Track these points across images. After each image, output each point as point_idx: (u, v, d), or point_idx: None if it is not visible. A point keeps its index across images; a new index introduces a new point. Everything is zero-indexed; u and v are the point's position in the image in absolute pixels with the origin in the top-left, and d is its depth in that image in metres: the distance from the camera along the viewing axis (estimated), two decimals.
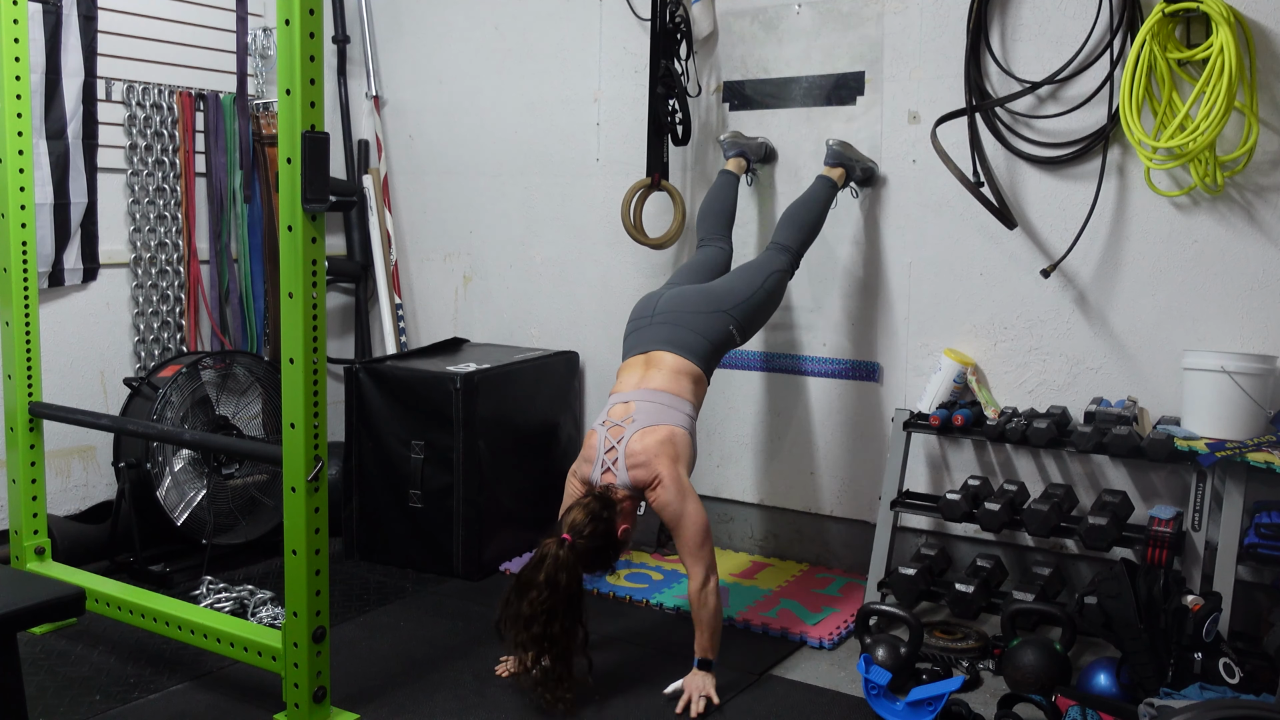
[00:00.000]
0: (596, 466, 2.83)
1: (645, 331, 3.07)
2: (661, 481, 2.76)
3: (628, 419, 2.85)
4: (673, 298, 3.15)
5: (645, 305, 3.18)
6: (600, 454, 2.83)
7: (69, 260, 3.83)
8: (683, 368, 2.97)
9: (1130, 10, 3.07)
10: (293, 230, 2.43)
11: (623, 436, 2.82)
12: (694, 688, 2.74)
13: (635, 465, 2.78)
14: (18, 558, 3.27)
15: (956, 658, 2.97)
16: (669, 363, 2.97)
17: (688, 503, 2.76)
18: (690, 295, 3.15)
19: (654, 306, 3.14)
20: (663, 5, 3.68)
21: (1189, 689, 2.52)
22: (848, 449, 3.68)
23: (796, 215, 3.41)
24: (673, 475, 2.76)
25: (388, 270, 4.57)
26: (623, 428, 2.84)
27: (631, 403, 2.89)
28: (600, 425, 2.89)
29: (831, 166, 3.47)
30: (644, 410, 2.86)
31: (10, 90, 3.08)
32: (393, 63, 4.59)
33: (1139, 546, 2.92)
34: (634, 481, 2.78)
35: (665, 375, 2.94)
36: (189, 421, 3.68)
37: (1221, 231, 3.06)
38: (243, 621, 2.92)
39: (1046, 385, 3.34)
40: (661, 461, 2.77)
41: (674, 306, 3.10)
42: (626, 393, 2.94)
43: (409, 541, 3.77)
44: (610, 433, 2.85)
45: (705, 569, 2.74)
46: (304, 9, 2.37)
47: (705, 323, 3.06)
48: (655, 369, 2.97)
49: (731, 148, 3.67)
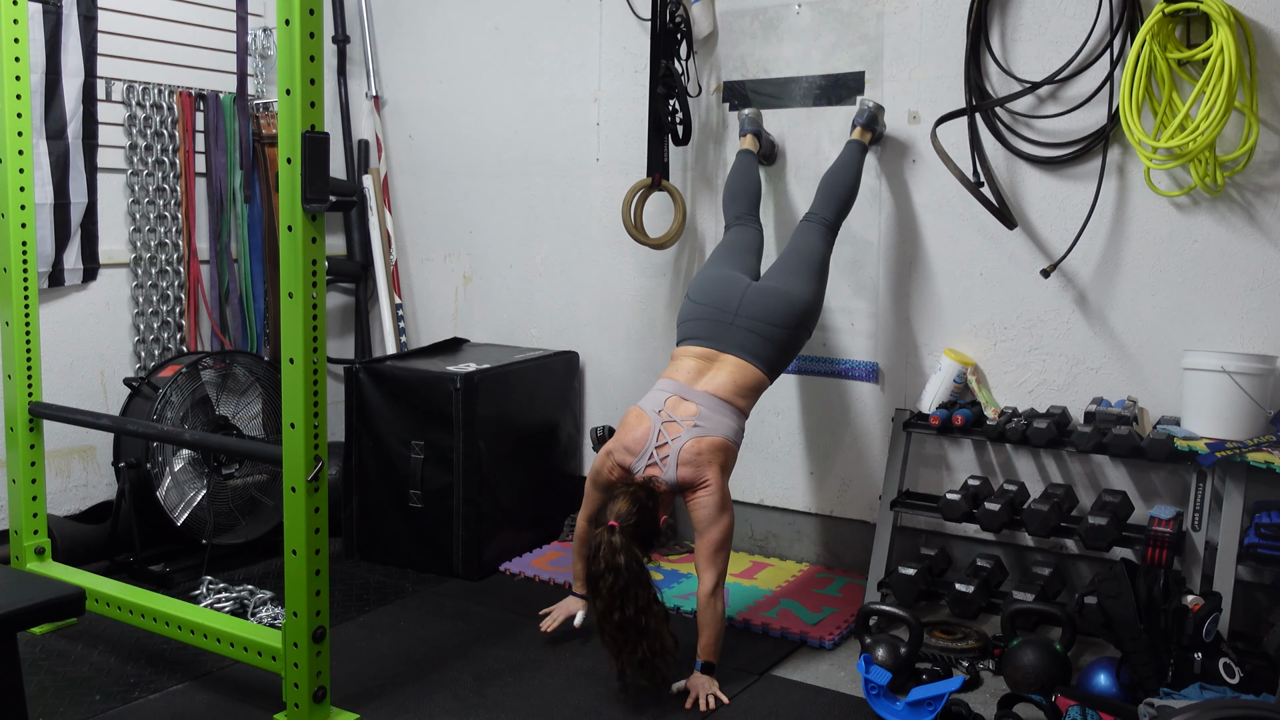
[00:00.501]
0: (642, 458, 2.85)
1: (725, 330, 3.02)
2: (709, 487, 2.81)
3: (689, 421, 2.87)
4: (758, 302, 3.05)
5: (726, 292, 3.08)
6: (650, 447, 2.85)
7: (69, 260, 3.83)
8: (754, 380, 2.98)
9: (1130, 10, 3.08)
10: (293, 230, 2.43)
11: (679, 436, 2.85)
12: (700, 687, 2.77)
13: (686, 464, 2.82)
14: (18, 558, 3.27)
15: (956, 658, 2.97)
16: (742, 371, 2.97)
17: (724, 514, 2.81)
18: (777, 306, 3.05)
19: (738, 301, 3.05)
20: (663, 5, 3.68)
21: (1189, 689, 2.52)
22: (848, 449, 3.68)
23: (833, 185, 3.37)
24: (719, 485, 2.83)
25: (388, 270, 4.57)
26: (680, 427, 2.86)
27: (696, 406, 2.90)
28: (655, 413, 2.89)
29: (864, 129, 3.43)
30: (709, 418, 2.88)
31: (10, 90, 3.08)
32: (393, 63, 4.60)
33: (1139, 546, 2.92)
34: (680, 479, 2.82)
35: (733, 383, 2.95)
36: (189, 421, 3.68)
37: (1221, 231, 3.06)
38: (243, 621, 2.92)
39: (1046, 385, 3.34)
40: (713, 469, 2.83)
41: (759, 314, 3.03)
42: (688, 388, 2.94)
43: (409, 541, 3.77)
44: (666, 428, 2.86)
45: (718, 576, 2.79)
46: (304, 9, 2.37)
47: (787, 338, 3.05)
48: (724, 369, 2.97)
49: (750, 124, 3.64)
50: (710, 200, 3.90)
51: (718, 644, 2.82)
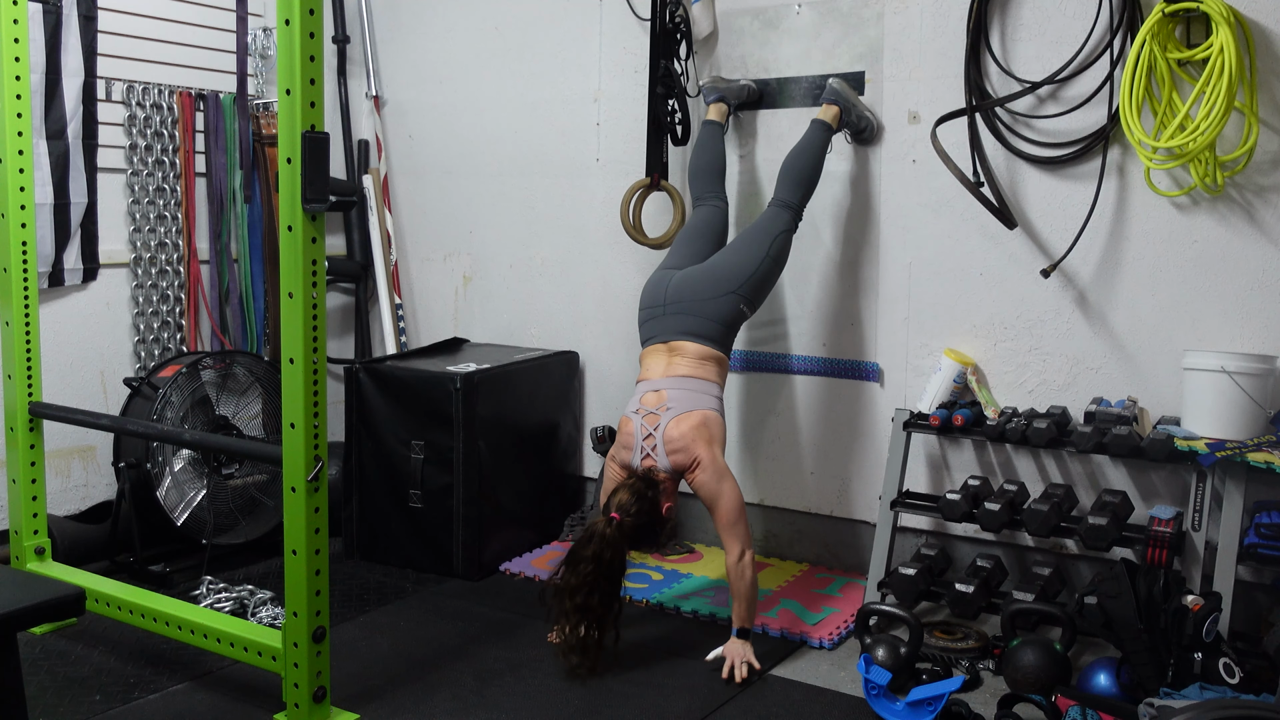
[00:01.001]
0: (636, 453, 3.02)
1: (661, 321, 3.19)
2: (700, 464, 2.97)
3: (662, 406, 3.03)
4: (681, 284, 3.21)
5: (655, 291, 3.25)
6: (639, 441, 3.02)
7: (69, 260, 3.83)
8: (704, 353, 3.13)
9: (1130, 10, 3.07)
10: (293, 230, 2.43)
11: (659, 424, 3.01)
12: (735, 654, 2.92)
13: (674, 450, 2.98)
14: (18, 558, 3.27)
15: (956, 658, 2.97)
16: (691, 350, 3.12)
17: (724, 483, 2.96)
18: (698, 280, 3.21)
19: (664, 294, 3.22)
20: (663, 5, 3.69)
21: (1189, 689, 2.52)
22: (848, 449, 3.68)
23: (793, 168, 3.41)
24: (710, 457, 2.97)
25: (388, 270, 4.57)
26: (658, 415, 3.02)
27: (663, 390, 3.06)
28: (634, 413, 3.06)
29: (828, 104, 3.45)
30: (676, 397, 3.04)
31: (10, 90, 3.08)
32: (393, 63, 4.60)
33: (1139, 546, 2.92)
34: (674, 465, 2.99)
35: (689, 362, 3.11)
36: (189, 421, 3.68)
37: (1221, 231, 3.06)
38: (243, 621, 2.92)
39: (1046, 385, 3.34)
40: (699, 445, 2.97)
41: (683, 295, 3.19)
42: (655, 380, 3.10)
43: (409, 541, 3.77)
44: (646, 420, 3.03)
45: (741, 544, 2.94)
46: (304, 9, 2.37)
47: (716, 308, 3.16)
48: (679, 356, 3.13)
49: (711, 93, 3.67)
50: None
51: (751, 610, 2.97)
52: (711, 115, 3.66)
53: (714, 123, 3.65)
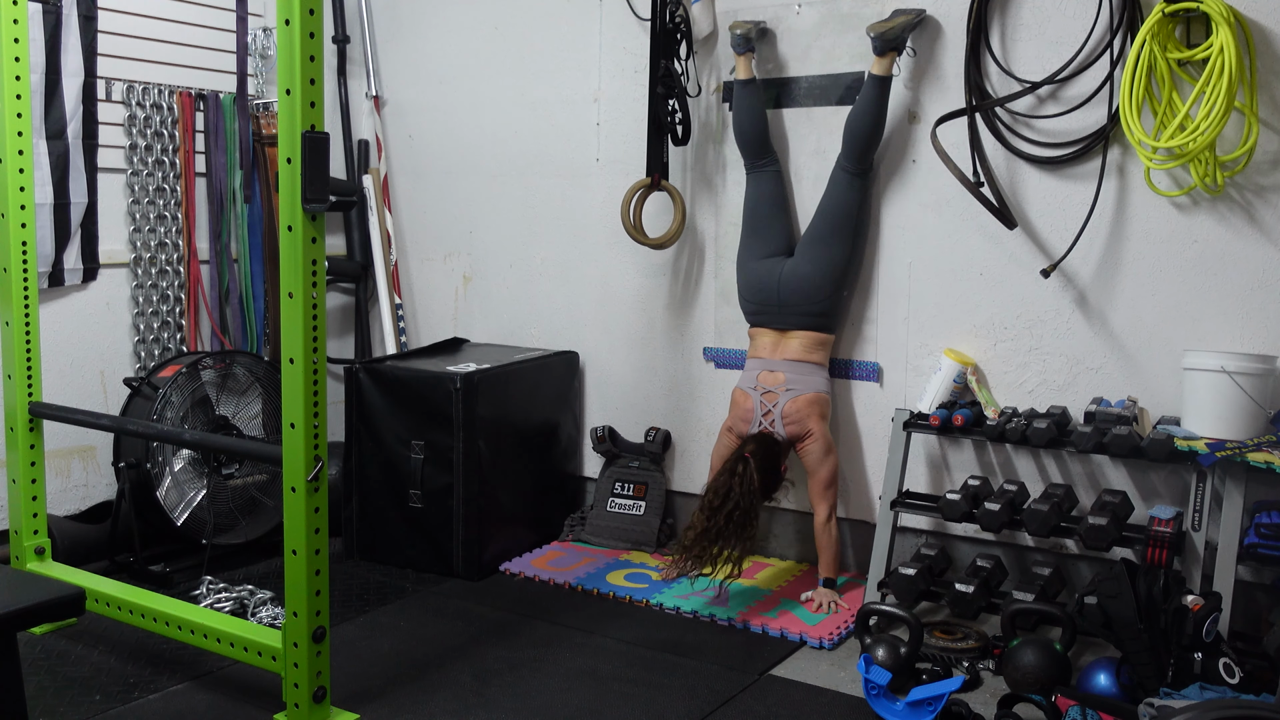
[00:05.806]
0: (754, 426, 3.46)
1: (775, 316, 3.54)
2: (813, 436, 3.43)
3: (780, 387, 3.47)
4: (794, 290, 3.49)
5: (765, 288, 3.54)
6: (758, 415, 3.46)
7: (69, 260, 3.83)
8: (818, 340, 3.52)
9: (1130, 10, 3.07)
10: (293, 230, 2.43)
11: (777, 402, 3.45)
12: (824, 596, 3.38)
13: (791, 423, 3.43)
14: (18, 558, 3.27)
15: (956, 658, 2.97)
16: (805, 337, 3.51)
17: (830, 455, 3.44)
18: (809, 288, 3.48)
19: (776, 295, 3.52)
20: (663, 5, 3.69)
21: (1189, 689, 2.52)
22: (847, 449, 3.68)
23: (856, 129, 3.43)
24: (821, 432, 3.44)
25: (388, 270, 4.57)
26: (776, 394, 3.46)
27: (779, 372, 3.49)
28: (752, 389, 3.50)
29: (880, 56, 3.38)
30: (793, 380, 3.47)
31: (10, 90, 3.09)
32: (393, 63, 4.60)
33: (1139, 546, 2.92)
34: (789, 435, 3.44)
35: (803, 346, 3.50)
36: (189, 421, 3.68)
37: (1221, 231, 3.06)
38: (243, 621, 2.92)
39: (1046, 385, 3.34)
40: (813, 420, 3.43)
41: (798, 302, 3.50)
42: (769, 360, 3.52)
43: (409, 541, 3.77)
44: (765, 398, 3.47)
45: (830, 507, 3.42)
46: (304, 9, 2.37)
47: (824, 306, 3.51)
48: (793, 340, 3.51)
49: (742, 44, 3.61)
50: (709, 200, 3.90)
51: (835, 563, 3.44)
52: (741, 74, 3.63)
53: (748, 81, 3.62)
